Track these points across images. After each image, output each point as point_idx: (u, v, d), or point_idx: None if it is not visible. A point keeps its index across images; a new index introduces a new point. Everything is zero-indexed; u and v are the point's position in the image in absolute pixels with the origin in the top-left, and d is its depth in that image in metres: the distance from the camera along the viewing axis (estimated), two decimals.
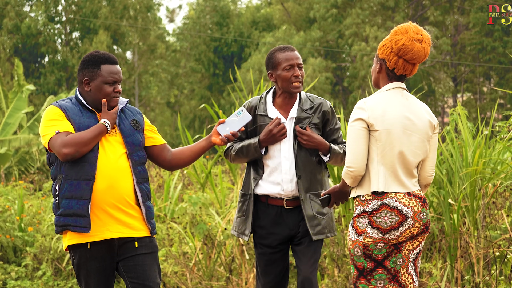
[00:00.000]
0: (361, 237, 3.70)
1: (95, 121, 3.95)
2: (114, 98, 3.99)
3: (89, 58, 4.00)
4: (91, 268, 3.94)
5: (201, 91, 39.77)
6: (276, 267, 4.56)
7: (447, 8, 36.25)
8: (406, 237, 3.71)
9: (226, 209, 7.62)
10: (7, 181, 14.22)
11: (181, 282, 7.26)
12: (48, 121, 3.95)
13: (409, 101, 3.81)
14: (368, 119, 3.72)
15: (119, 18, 36.34)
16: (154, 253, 4.04)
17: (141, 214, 4.00)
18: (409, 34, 3.74)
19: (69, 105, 3.98)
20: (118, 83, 4.00)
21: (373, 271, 3.72)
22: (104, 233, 3.91)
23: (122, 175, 3.94)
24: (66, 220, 3.90)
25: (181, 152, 4.19)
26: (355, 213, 3.76)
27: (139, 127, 4.08)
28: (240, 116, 4.16)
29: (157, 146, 4.16)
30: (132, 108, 4.14)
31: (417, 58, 3.75)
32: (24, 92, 17.16)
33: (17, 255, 8.46)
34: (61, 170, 3.91)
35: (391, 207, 3.69)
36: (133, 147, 4.01)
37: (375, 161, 3.72)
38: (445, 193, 6.32)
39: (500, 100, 34.51)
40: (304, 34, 35.85)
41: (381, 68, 3.83)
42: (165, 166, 4.20)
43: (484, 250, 6.15)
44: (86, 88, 3.98)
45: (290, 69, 4.45)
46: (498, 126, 6.63)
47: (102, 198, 3.89)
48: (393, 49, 3.75)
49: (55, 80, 36.41)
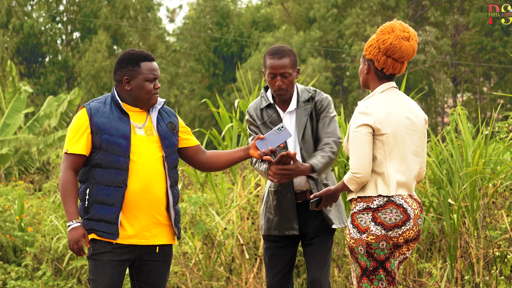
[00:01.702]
0: (364, 235, 3.67)
1: (125, 125, 3.89)
2: (154, 95, 3.95)
3: (128, 57, 3.95)
4: (108, 260, 3.88)
5: (201, 91, 39.75)
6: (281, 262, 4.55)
7: (447, 8, 36.24)
8: (404, 238, 3.70)
9: (226, 209, 7.62)
10: (7, 181, 14.22)
11: (181, 282, 7.26)
12: (71, 131, 3.92)
13: (404, 100, 3.81)
14: (374, 124, 3.67)
15: (119, 18, 36.33)
16: (169, 261, 4.03)
17: (168, 220, 3.97)
18: (396, 33, 3.69)
19: (101, 106, 3.92)
20: (157, 80, 3.98)
21: (375, 271, 3.70)
22: (132, 239, 3.89)
23: (157, 179, 3.91)
24: (94, 225, 3.86)
25: (216, 157, 4.17)
26: (355, 210, 3.72)
27: (175, 129, 4.05)
28: (280, 133, 4.11)
29: (192, 147, 4.13)
30: (168, 110, 4.09)
31: (405, 56, 3.71)
32: (23, 93, 17.16)
33: (17, 255, 8.47)
34: (92, 174, 3.87)
35: (397, 205, 3.67)
36: (169, 150, 3.97)
37: (383, 164, 3.69)
38: (445, 193, 6.32)
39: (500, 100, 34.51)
40: (304, 34, 35.84)
41: (369, 69, 3.79)
42: (198, 167, 4.18)
43: (484, 250, 6.15)
44: (127, 87, 3.93)
45: (273, 77, 4.42)
46: (498, 126, 6.63)
47: (134, 203, 3.86)
48: (380, 49, 3.71)
49: (55, 80, 36.41)
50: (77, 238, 3.81)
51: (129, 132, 3.89)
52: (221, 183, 7.77)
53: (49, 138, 16.14)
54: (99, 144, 3.86)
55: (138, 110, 3.98)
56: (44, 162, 16.42)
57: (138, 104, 3.96)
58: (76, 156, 3.87)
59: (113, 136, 3.86)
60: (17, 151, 16.49)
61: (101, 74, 34.45)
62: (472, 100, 36.11)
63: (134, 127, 3.93)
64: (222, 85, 39.95)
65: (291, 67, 4.43)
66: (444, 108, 37.22)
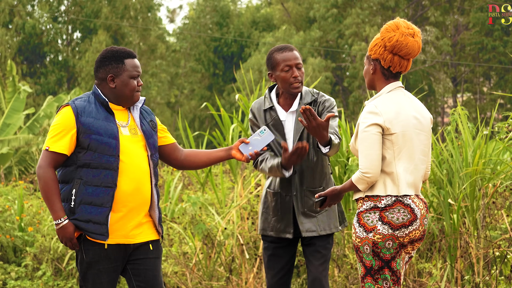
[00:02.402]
0: (370, 234, 3.67)
1: (112, 124, 3.85)
2: (137, 92, 3.92)
3: (111, 54, 3.90)
4: (104, 268, 3.85)
5: (201, 91, 39.76)
6: (279, 262, 4.54)
7: (447, 8, 36.24)
8: (410, 238, 3.71)
9: (226, 209, 7.62)
10: (7, 181, 14.22)
11: (181, 282, 7.26)
12: (54, 129, 3.84)
13: (411, 99, 3.81)
14: (384, 123, 3.67)
15: (119, 18, 36.33)
16: (160, 257, 4.02)
17: (151, 218, 3.96)
18: (401, 30, 3.70)
19: (86, 105, 3.86)
20: (139, 77, 3.95)
21: (380, 270, 3.70)
22: (121, 239, 3.86)
23: (145, 178, 3.89)
24: (82, 225, 3.80)
25: (196, 155, 4.14)
26: (362, 209, 3.71)
27: (156, 128, 4.04)
28: (263, 136, 4.10)
29: (169, 145, 4.12)
30: (147, 108, 4.07)
31: (412, 52, 3.72)
32: (22, 93, 17.15)
33: (17, 255, 8.46)
34: (79, 174, 3.80)
35: (405, 204, 3.68)
36: (153, 149, 3.96)
37: (392, 164, 3.69)
38: (445, 193, 6.32)
39: (500, 100, 34.50)
40: (304, 34, 35.84)
41: (375, 68, 3.79)
42: (175, 165, 4.16)
43: (484, 250, 6.15)
44: (111, 84, 3.89)
45: (288, 70, 4.43)
46: (497, 126, 6.63)
47: (124, 203, 3.83)
48: (386, 47, 3.71)
49: (56, 80, 36.41)
50: (70, 236, 3.78)
51: (117, 131, 3.85)
52: (221, 183, 7.77)
53: None
54: (87, 144, 3.80)
55: (120, 109, 3.94)
56: None
57: (121, 102, 3.91)
58: (57, 155, 3.80)
59: (101, 136, 3.81)
60: (17, 151, 16.49)
61: None
62: (472, 100, 36.11)
63: (119, 127, 3.90)
64: (222, 85, 39.95)
65: (301, 60, 4.49)
66: (444, 108, 37.22)
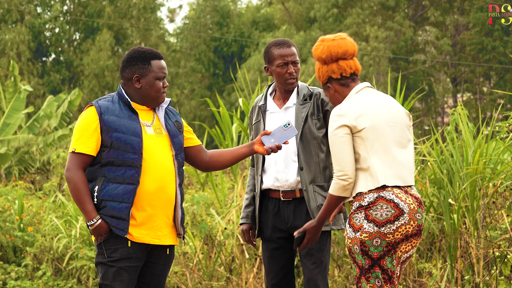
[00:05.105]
0: (357, 234, 3.70)
1: (136, 123, 3.87)
2: (163, 94, 3.94)
3: (138, 55, 3.92)
4: (125, 267, 3.85)
5: (201, 91, 39.77)
6: (278, 264, 4.53)
7: (447, 8, 36.24)
8: (402, 234, 3.71)
9: (226, 208, 7.62)
10: (7, 181, 14.22)
11: (181, 282, 7.26)
12: (79, 130, 3.86)
13: (380, 96, 3.87)
14: (349, 122, 3.73)
15: (122, 18, 36.35)
16: (170, 265, 4.03)
17: (173, 220, 3.95)
18: (325, 40, 3.85)
19: (109, 105, 3.89)
20: (165, 79, 3.96)
21: (371, 269, 3.72)
22: (144, 238, 3.86)
23: (170, 178, 3.90)
24: (107, 220, 3.82)
25: (220, 155, 4.16)
26: (352, 210, 3.76)
27: (181, 128, 4.05)
28: (287, 130, 4.07)
29: (195, 147, 4.12)
30: (172, 109, 4.09)
31: (348, 49, 3.82)
32: (22, 93, 17.15)
33: (17, 255, 8.47)
34: (102, 172, 3.83)
35: (388, 200, 3.70)
36: (178, 149, 3.97)
37: (367, 159, 3.73)
38: (445, 193, 6.32)
39: (500, 100, 34.50)
40: (304, 34, 35.85)
41: (333, 87, 3.86)
42: (201, 167, 4.17)
43: (484, 250, 6.15)
44: (136, 85, 3.90)
45: (283, 66, 4.43)
46: (498, 126, 6.63)
47: (148, 201, 3.84)
48: (326, 61, 3.83)
49: (59, 80, 36.42)
50: (105, 233, 3.82)
51: (140, 130, 3.87)
52: (221, 183, 7.78)
53: (49, 137, 16.13)
54: (110, 143, 3.82)
55: (145, 109, 3.97)
56: (45, 162, 16.42)
57: (146, 102, 3.94)
58: (85, 156, 3.83)
59: (124, 134, 3.83)
60: (17, 151, 16.49)
61: (105, 73, 34.47)
62: (472, 100, 36.11)
63: (143, 126, 3.92)
64: (222, 85, 39.96)
65: (298, 56, 4.50)
66: (444, 108, 37.22)
